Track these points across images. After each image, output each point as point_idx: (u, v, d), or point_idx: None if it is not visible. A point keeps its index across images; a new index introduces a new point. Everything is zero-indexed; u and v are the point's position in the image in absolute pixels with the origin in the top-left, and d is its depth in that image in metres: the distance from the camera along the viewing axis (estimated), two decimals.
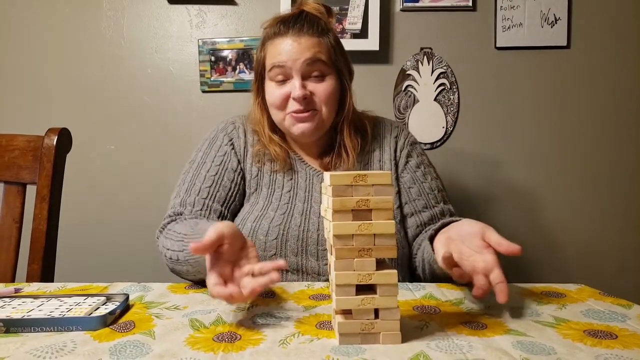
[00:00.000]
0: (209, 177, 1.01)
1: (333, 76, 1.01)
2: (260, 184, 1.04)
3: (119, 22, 1.67)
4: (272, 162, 1.05)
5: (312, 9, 1.03)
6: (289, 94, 0.98)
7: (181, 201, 0.99)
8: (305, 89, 0.97)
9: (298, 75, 0.97)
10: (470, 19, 1.66)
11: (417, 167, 1.09)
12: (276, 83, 1.00)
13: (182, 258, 0.83)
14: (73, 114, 1.68)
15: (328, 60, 0.99)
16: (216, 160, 1.03)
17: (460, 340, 0.60)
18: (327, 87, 1.00)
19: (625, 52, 1.66)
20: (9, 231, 1.04)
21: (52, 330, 0.63)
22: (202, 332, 0.63)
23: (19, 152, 1.06)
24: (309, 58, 0.97)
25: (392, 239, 0.58)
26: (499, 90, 1.68)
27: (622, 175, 1.69)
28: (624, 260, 1.70)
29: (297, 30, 0.98)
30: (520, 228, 1.69)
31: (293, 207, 1.00)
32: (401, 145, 1.10)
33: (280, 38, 0.99)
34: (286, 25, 0.99)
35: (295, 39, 0.97)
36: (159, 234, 0.94)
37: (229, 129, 1.08)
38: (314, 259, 0.96)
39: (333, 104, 1.02)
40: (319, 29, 1.00)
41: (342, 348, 0.58)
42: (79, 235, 1.66)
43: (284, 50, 0.97)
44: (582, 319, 0.68)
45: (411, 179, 1.07)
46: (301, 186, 1.03)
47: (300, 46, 0.97)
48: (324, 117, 1.01)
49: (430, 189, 1.07)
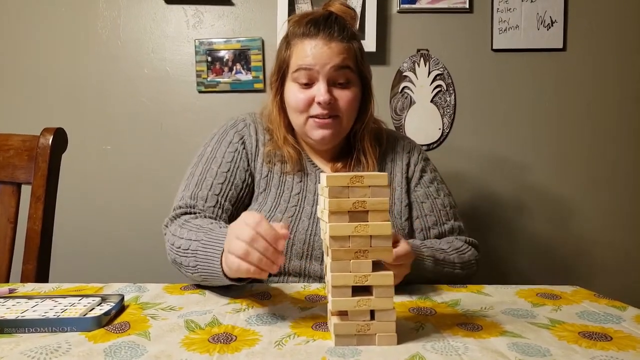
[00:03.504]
0: (221, 173, 0.99)
1: (357, 83, 1.00)
2: (269, 185, 1.02)
3: (115, 22, 1.67)
4: (283, 164, 1.03)
5: (341, 11, 1.01)
6: (313, 97, 0.97)
7: (192, 194, 0.96)
8: (330, 94, 0.96)
9: (324, 79, 0.96)
10: (466, 21, 1.66)
11: (431, 182, 1.09)
12: (300, 85, 0.98)
13: (193, 247, 0.80)
14: (69, 113, 1.67)
15: (354, 67, 0.99)
16: (227, 156, 1.01)
17: (455, 342, 0.60)
18: (351, 94, 0.99)
19: (622, 55, 1.67)
20: (3, 231, 1.03)
21: (47, 331, 0.62)
22: (197, 333, 0.63)
23: (14, 152, 1.06)
24: (337, 64, 0.95)
25: (388, 241, 0.59)
26: (495, 92, 1.68)
27: (619, 177, 1.70)
28: (619, 262, 1.71)
29: (328, 34, 0.96)
30: (516, 229, 1.69)
31: (301, 210, 0.99)
32: (415, 160, 1.10)
33: (309, 39, 0.97)
34: (317, 27, 0.97)
35: (326, 42, 0.96)
36: (169, 222, 0.92)
37: (239, 126, 1.06)
38: (317, 263, 0.95)
39: (354, 111, 1.01)
40: (349, 33, 0.98)
41: (338, 349, 0.57)
42: (74, 235, 1.66)
43: (313, 53, 0.95)
44: (578, 320, 0.69)
45: (424, 194, 1.07)
46: (310, 189, 1.02)
47: (330, 51, 0.95)
48: (344, 124, 1.01)
49: (442, 205, 1.07)
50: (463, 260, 0.96)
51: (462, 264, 0.96)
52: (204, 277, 0.79)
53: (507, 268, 1.69)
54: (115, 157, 1.69)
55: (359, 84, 1.01)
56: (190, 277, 0.83)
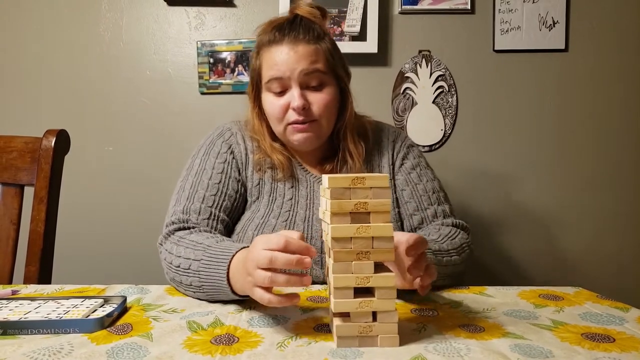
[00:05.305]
0: (213, 185, 0.97)
1: (332, 84, 0.99)
2: (261, 192, 1.01)
3: (117, 23, 1.67)
4: (273, 170, 1.02)
5: (306, 12, 1.00)
6: (288, 104, 0.96)
7: (184, 208, 0.93)
8: (304, 99, 0.95)
9: (296, 85, 0.95)
10: (468, 22, 1.66)
11: (413, 169, 1.07)
12: (274, 94, 0.98)
13: (195, 267, 0.78)
14: (71, 115, 1.68)
15: (326, 68, 0.97)
16: (217, 167, 1.00)
17: (458, 343, 0.60)
18: (326, 96, 0.97)
19: (624, 55, 1.67)
20: (6, 233, 1.04)
21: (50, 333, 0.62)
22: (199, 334, 0.63)
23: (17, 154, 1.06)
24: (306, 68, 0.94)
25: (390, 242, 0.59)
26: (497, 93, 1.68)
27: (621, 178, 1.69)
28: (622, 263, 1.70)
29: (293, 38, 0.95)
30: (518, 230, 1.69)
31: (295, 214, 0.98)
32: (398, 149, 1.09)
33: (275, 46, 0.96)
34: (281, 32, 0.96)
35: (292, 47, 0.94)
36: (163, 240, 0.89)
37: (226, 135, 1.05)
38: (318, 267, 0.94)
39: (332, 112, 1.00)
40: (315, 34, 0.97)
41: (340, 351, 0.57)
42: (76, 237, 1.66)
43: (281, 61, 0.94)
44: (580, 322, 0.68)
45: (404, 181, 1.06)
46: (302, 194, 1.01)
47: (297, 55, 0.94)
48: (323, 127, 0.99)
49: (424, 191, 1.05)
50: (455, 246, 0.93)
51: (455, 250, 0.92)
52: (210, 295, 0.78)
53: (509, 268, 1.69)
54: (118, 158, 1.69)
55: (334, 84, 1.00)
56: (192, 295, 0.81)
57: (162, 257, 0.88)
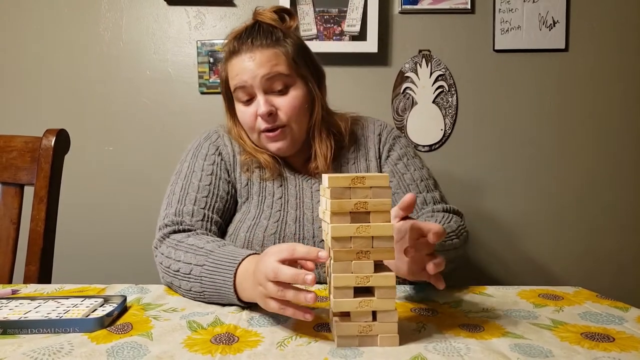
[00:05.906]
0: (203, 186, 0.97)
1: (298, 85, 0.98)
2: (250, 192, 1.01)
3: (117, 23, 1.67)
4: (261, 170, 1.02)
5: (267, 18, 0.99)
6: (257, 111, 0.96)
7: (176, 211, 0.92)
8: (269, 104, 0.95)
9: (260, 91, 0.95)
10: (468, 21, 1.66)
11: (399, 159, 1.06)
12: (243, 103, 0.98)
13: (196, 273, 0.77)
14: (71, 115, 1.67)
15: (288, 71, 0.96)
16: (206, 169, 0.99)
17: (457, 343, 0.60)
18: (292, 100, 0.96)
19: (623, 55, 1.67)
20: (6, 232, 1.04)
21: (50, 332, 0.62)
22: (199, 333, 0.63)
23: (16, 153, 1.06)
24: (266, 73, 0.93)
25: (391, 242, 0.59)
26: (497, 93, 1.68)
27: (621, 178, 1.69)
28: (621, 263, 1.70)
29: (250, 45, 0.94)
30: (518, 230, 1.69)
31: (286, 214, 0.98)
32: (384, 141, 1.08)
33: (236, 56, 0.96)
34: (240, 41, 0.96)
35: (250, 54, 0.94)
36: (158, 243, 0.88)
37: (213, 137, 1.05)
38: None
39: (301, 115, 0.99)
40: (274, 38, 0.96)
41: (339, 350, 0.58)
42: (76, 236, 1.66)
43: (241, 69, 0.94)
44: (580, 321, 0.68)
45: (391, 173, 1.05)
46: (291, 193, 1.01)
47: (255, 61, 0.94)
48: (294, 130, 0.99)
49: (411, 180, 1.04)
50: (453, 229, 0.91)
51: (454, 233, 0.90)
52: (211, 301, 0.77)
53: (509, 267, 1.69)
54: (117, 158, 1.69)
55: (301, 85, 0.98)
56: (191, 298, 0.80)
57: (157, 261, 0.86)
